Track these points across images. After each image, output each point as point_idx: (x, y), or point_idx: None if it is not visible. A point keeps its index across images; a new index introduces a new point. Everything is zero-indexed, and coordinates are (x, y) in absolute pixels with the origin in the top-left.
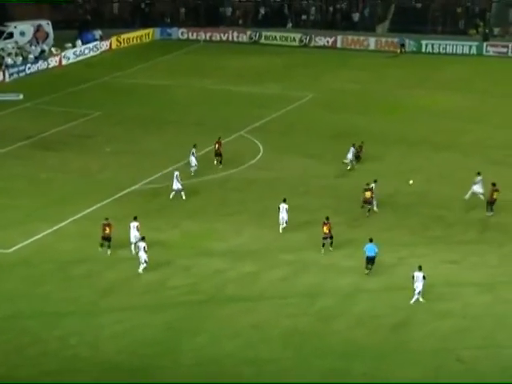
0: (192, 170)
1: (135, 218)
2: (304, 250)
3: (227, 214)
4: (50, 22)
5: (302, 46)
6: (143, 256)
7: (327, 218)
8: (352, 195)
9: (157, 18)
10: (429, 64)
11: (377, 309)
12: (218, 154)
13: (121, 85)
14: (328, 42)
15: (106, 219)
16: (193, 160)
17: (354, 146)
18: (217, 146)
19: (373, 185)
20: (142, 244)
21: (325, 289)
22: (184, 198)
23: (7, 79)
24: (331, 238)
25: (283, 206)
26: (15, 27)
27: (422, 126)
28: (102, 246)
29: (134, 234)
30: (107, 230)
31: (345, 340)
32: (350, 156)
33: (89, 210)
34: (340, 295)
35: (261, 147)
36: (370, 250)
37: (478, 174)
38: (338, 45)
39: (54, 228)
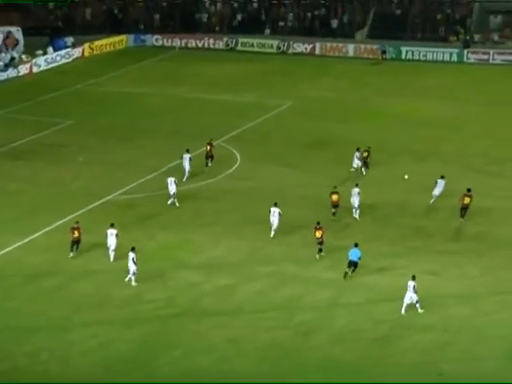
0: (185, 176)
1: (112, 225)
2: (282, 262)
3: (203, 225)
4: (20, 29)
5: (279, 53)
6: (132, 267)
7: (318, 223)
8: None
9: (130, 24)
10: (409, 71)
11: (357, 323)
12: (209, 156)
13: (94, 93)
14: (306, 48)
15: (76, 222)
16: (186, 165)
17: (358, 150)
18: (208, 147)
19: (357, 189)
20: (131, 254)
21: (304, 302)
22: (177, 204)
23: None
24: (322, 243)
25: (274, 210)
26: None
27: (402, 135)
28: (72, 249)
29: (112, 241)
30: (76, 234)
31: (324, 355)
32: (356, 162)
33: (61, 222)
34: (319, 309)
35: (238, 156)
36: (353, 254)
37: (442, 177)
38: (317, 52)
39: (25, 240)
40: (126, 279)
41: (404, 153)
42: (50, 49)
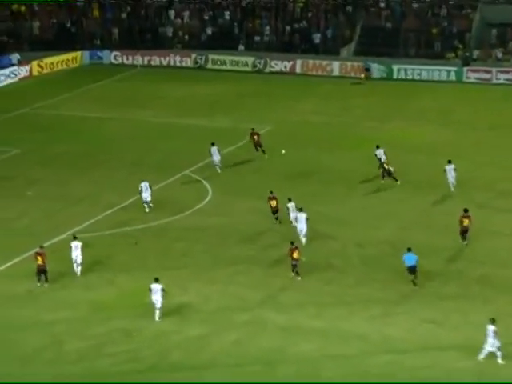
0: (217, 167)
1: (75, 238)
2: (260, 309)
3: (170, 268)
4: None
5: (255, 72)
6: (159, 300)
7: (292, 243)
8: (315, 245)
9: (85, 39)
10: (401, 92)
11: (346, 378)
12: (258, 144)
13: (43, 117)
14: (286, 66)
15: (41, 247)
16: (215, 157)
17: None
18: (255, 137)
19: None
20: (157, 286)
21: (286, 354)
22: (147, 210)
23: None
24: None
25: (301, 216)
26: None
27: (394, 164)
28: (39, 280)
29: (76, 254)
30: (39, 260)
31: None
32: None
33: (4, 267)
34: (304, 362)
35: (209, 189)
36: (409, 259)
37: (449, 161)
38: (298, 70)
39: None
40: (157, 317)
41: (399, 184)
42: None
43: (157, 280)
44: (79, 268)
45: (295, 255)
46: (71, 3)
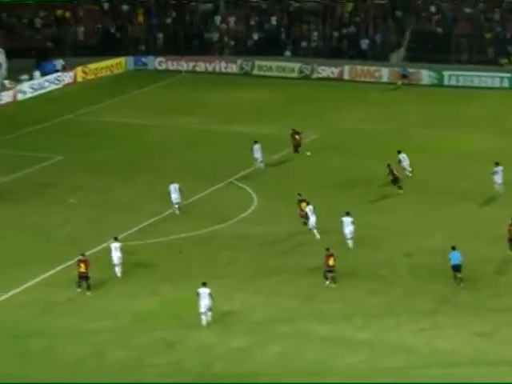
0: (259, 165)
1: (116, 239)
2: (304, 320)
3: (215, 277)
4: (2, 50)
5: (302, 78)
6: (207, 305)
7: (327, 249)
8: (362, 254)
9: (130, 44)
10: (451, 99)
11: None
12: (298, 145)
13: (87, 124)
14: (333, 72)
15: (82, 254)
16: (258, 154)
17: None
18: (297, 137)
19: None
20: (205, 291)
21: (331, 367)
22: (177, 212)
23: None
24: (333, 271)
25: (347, 220)
26: None
27: (445, 172)
28: (79, 286)
29: (118, 255)
30: (82, 268)
31: None
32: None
33: (46, 275)
34: (350, 375)
35: (254, 197)
36: (454, 258)
37: (497, 164)
38: (345, 76)
39: (5, 296)
40: (204, 322)
41: (447, 192)
42: (37, 73)
43: (204, 284)
44: (118, 268)
45: (330, 262)
46: (116, 8)
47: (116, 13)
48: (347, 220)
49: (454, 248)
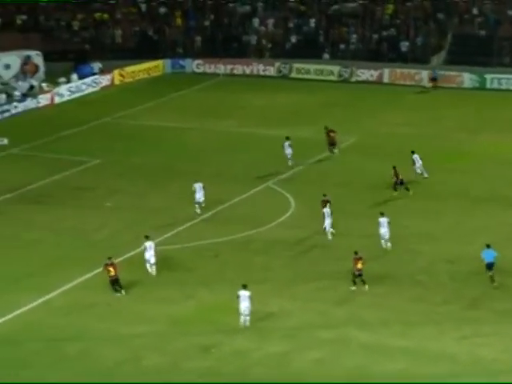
0: (290, 161)
1: (147, 237)
2: (343, 326)
3: (251, 282)
4: (40, 53)
5: (341, 81)
6: (248, 307)
7: (356, 253)
8: (401, 260)
9: (167, 47)
10: (494, 103)
11: None
12: (332, 143)
13: (124, 127)
14: (372, 75)
15: (109, 258)
16: (289, 151)
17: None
18: (332, 134)
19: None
20: (246, 293)
21: (371, 374)
22: (198, 211)
23: None
24: (362, 275)
25: (383, 220)
26: None
27: (488, 178)
28: (116, 290)
29: (150, 254)
30: (112, 272)
31: None
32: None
33: (83, 278)
34: (390, 382)
35: (292, 201)
36: (488, 255)
37: None
38: (385, 79)
39: (42, 299)
40: (244, 323)
41: (491, 199)
42: (75, 76)
43: (245, 287)
44: (153, 268)
45: (359, 265)
46: (154, 11)
47: (154, 15)
48: (383, 221)
49: (488, 246)
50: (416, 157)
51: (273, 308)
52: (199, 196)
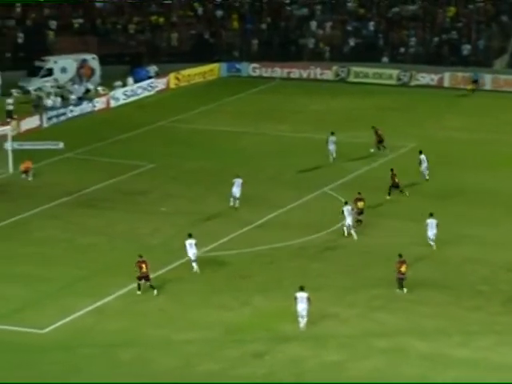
0: (331, 158)
1: (190, 236)
2: (401, 335)
3: (307, 289)
4: (96, 57)
5: (400, 85)
6: (305, 309)
7: (400, 255)
8: (461, 268)
9: (223, 51)
10: None
11: None
12: (380, 140)
13: (179, 131)
14: (433, 79)
15: (140, 256)
16: (332, 147)
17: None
18: (379, 132)
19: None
20: (303, 295)
21: (431, 383)
22: (231, 204)
23: (45, 124)
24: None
25: (431, 221)
26: (55, 62)
27: None
28: (139, 288)
29: (193, 252)
30: (144, 269)
31: None
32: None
33: (136, 284)
34: None
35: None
36: None
37: None
38: (446, 83)
39: (97, 304)
40: (302, 326)
41: None
42: (131, 80)
43: (302, 289)
44: (195, 264)
45: (403, 269)
46: (210, 14)
47: (210, 18)
48: (432, 222)
49: None
50: (423, 157)
51: (329, 315)
52: (236, 190)
